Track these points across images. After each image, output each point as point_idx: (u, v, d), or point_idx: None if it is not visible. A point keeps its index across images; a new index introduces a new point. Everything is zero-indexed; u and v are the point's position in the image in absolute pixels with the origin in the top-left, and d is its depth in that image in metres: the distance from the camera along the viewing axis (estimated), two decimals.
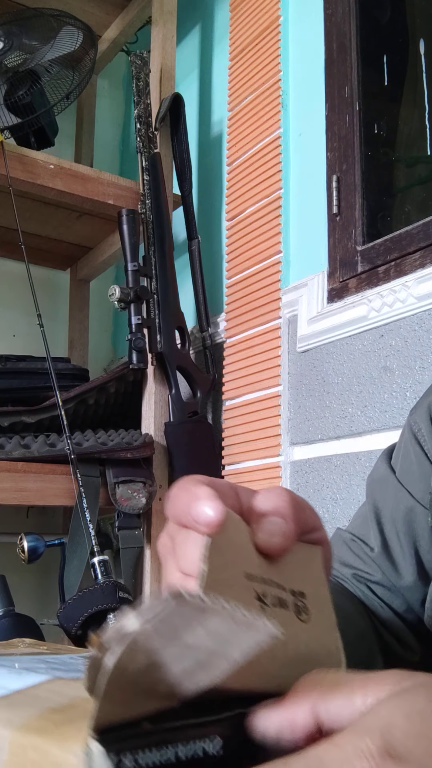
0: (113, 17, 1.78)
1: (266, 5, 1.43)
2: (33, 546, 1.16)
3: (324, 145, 1.27)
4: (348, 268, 1.18)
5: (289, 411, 1.24)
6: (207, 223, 1.59)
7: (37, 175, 1.38)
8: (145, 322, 1.35)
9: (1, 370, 1.42)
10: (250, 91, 1.44)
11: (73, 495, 1.23)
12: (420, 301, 1.02)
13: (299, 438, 1.21)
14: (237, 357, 1.36)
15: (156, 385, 1.37)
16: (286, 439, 1.23)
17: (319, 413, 1.18)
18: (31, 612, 1.15)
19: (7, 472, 1.20)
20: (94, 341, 1.85)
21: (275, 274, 1.30)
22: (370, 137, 1.24)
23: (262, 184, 1.37)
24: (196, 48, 1.76)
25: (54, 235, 1.69)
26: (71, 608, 1.13)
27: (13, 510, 1.61)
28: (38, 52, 1.42)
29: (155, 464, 1.34)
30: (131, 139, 2.01)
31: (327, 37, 1.30)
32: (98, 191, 1.45)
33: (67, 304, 1.85)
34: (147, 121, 1.46)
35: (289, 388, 1.25)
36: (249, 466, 1.29)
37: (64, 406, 1.26)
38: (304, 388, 1.21)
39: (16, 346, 1.73)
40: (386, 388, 1.06)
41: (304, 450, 1.20)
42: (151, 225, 1.41)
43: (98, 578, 1.11)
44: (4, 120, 1.43)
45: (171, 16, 1.56)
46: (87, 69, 1.49)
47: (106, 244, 1.69)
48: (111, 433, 1.36)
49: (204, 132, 1.68)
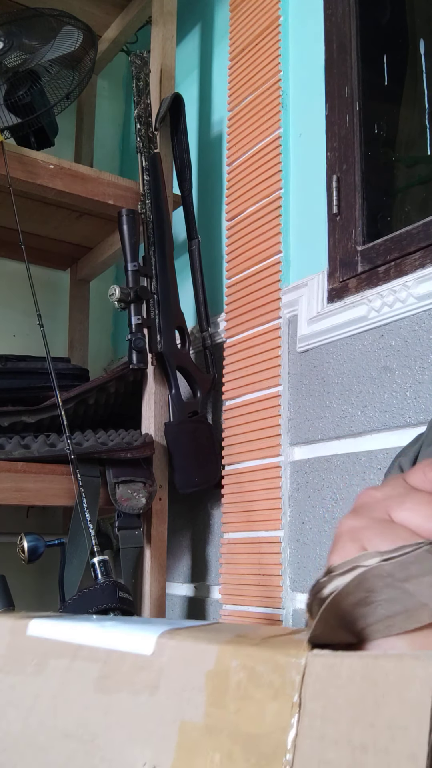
0: (113, 17, 1.78)
1: (266, 5, 1.43)
2: (33, 546, 1.16)
3: (324, 145, 1.27)
4: (348, 268, 1.18)
5: (289, 411, 1.24)
6: (207, 223, 1.59)
7: (37, 175, 1.38)
8: (145, 322, 1.35)
9: (1, 370, 1.42)
10: (250, 91, 1.44)
11: (73, 495, 1.23)
12: (420, 301, 1.02)
13: (299, 438, 1.21)
14: (237, 357, 1.36)
15: (156, 385, 1.37)
16: (286, 439, 1.23)
17: (319, 413, 1.18)
18: (31, 612, 1.15)
19: (7, 472, 1.21)
20: (94, 341, 1.85)
21: (275, 274, 1.30)
22: (370, 137, 1.24)
23: (262, 184, 1.37)
24: (196, 48, 1.76)
25: (54, 235, 1.69)
26: (71, 608, 1.13)
27: (13, 510, 1.61)
28: (38, 52, 1.42)
29: (155, 464, 1.34)
30: (131, 139, 2.01)
31: (327, 37, 1.30)
32: (98, 191, 1.45)
33: (67, 304, 1.85)
34: (147, 121, 1.46)
35: (289, 388, 1.25)
36: (249, 466, 1.29)
37: (64, 406, 1.26)
38: (304, 388, 1.21)
39: (16, 346, 1.73)
40: (386, 388, 1.06)
41: (304, 450, 1.20)
42: (151, 225, 1.41)
43: (98, 578, 1.11)
44: (4, 120, 1.43)
45: (171, 16, 1.56)
46: (87, 69, 1.49)
47: (106, 244, 1.69)
48: (111, 433, 1.36)
49: (204, 132, 1.68)
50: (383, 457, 1.04)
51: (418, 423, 1.00)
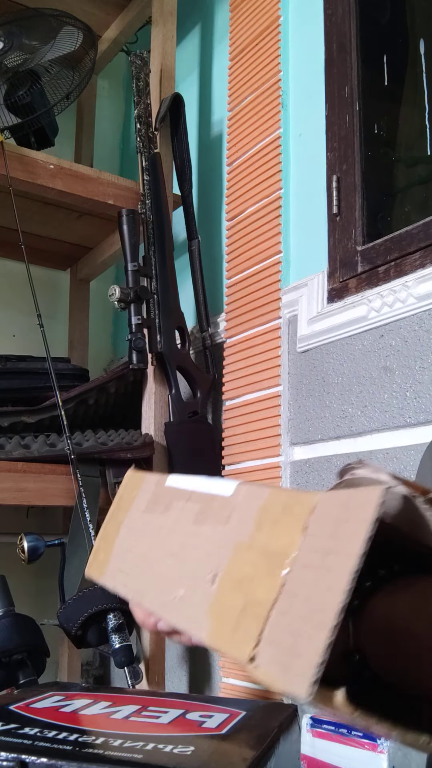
0: (113, 17, 1.78)
1: (266, 5, 1.43)
2: (33, 546, 1.16)
3: (324, 145, 1.27)
4: (348, 268, 1.18)
5: (289, 411, 1.24)
6: (207, 223, 1.59)
7: (37, 175, 1.38)
8: (145, 322, 1.36)
9: (1, 370, 1.42)
10: (250, 91, 1.44)
11: (73, 495, 1.23)
12: (420, 301, 1.02)
13: (299, 438, 1.21)
14: (237, 357, 1.36)
15: (156, 385, 1.37)
16: (286, 439, 1.23)
17: (319, 413, 1.18)
18: (31, 612, 1.15)
19: (7, 472, 1.21)
20: (94, 341, 1.85)
21: (275, 274, 1.30)
22: (370, 137, 1.24)
23: (262, 184, 1.37)
24: (196, 48, 1.76)
25: (54, 235, 1.69)
26: (71, 608, 1.13)
27: (13, 510, 1.61)
28: (38, 52, 1.42)
29: (155, 464, 1.34)
30: (131, 139, 2.01)
31: (327, 37, 1.30)
32: (98, 191, 1.45)
33: (67, 304, 1.85)
34: (147, 121, 1.46)
35: (289, 388, 1.25)
36: (249, 466, 1.29)
37: (64, 406, 1.26)
38: (304, 388, 1.21)
39: (16, 346, 1.73)
40: (386, 388, 1.06)
41: (304, 450, 1.20)
42: (151, 225, 1.41)
43: None
44: (4, 120, 1.43)
45: (171, 16, 1.56)
46: (87, 69, 1.49)
47: (106, 244, 1.69)
48: (111, 433, 1.36)
49: (204, 132, 1.68)
50: (383, 457, 1.04)
51: (418, 423, 1.00)
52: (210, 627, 0.33)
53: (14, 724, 0.46)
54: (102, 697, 0.57)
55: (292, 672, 0.28)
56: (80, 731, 0.45)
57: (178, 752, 0.41)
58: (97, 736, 0.44)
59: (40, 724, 0.46)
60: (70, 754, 0.40)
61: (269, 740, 0.46)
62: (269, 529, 0.33)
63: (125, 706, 0.54)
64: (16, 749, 0.41)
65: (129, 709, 0.53)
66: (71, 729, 0.45)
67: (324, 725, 0.91)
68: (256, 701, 0.64)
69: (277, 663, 0.29)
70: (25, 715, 0.49)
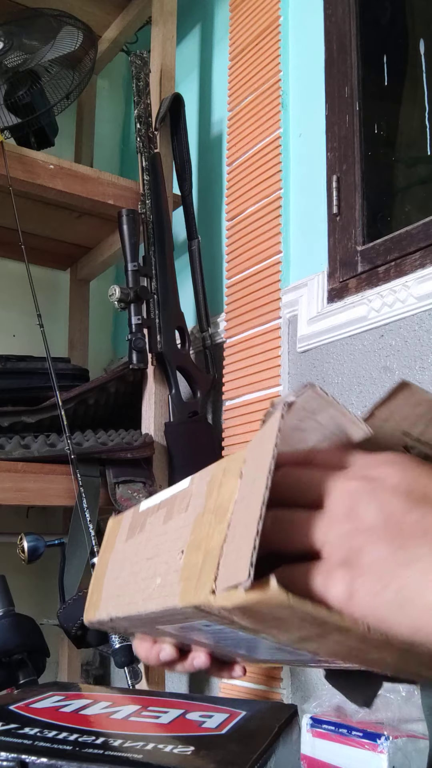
0: (113, 17, 1.78)
1: (266, 5, 1.43)
2: (33, 546, 1.16)
3: (324, 145, 1.27)
4: (348, 268, 1.18)
5: None
6: (207, 223, 1.59)
7: (37, 175, 1.38)
8: (145, 322, 1.36)
9: (1, 370, 1.42)
10: (250, 91, 1.44)
11: (73, 495, 1.23)
12: (420, 301, 1.02)
13: None
14: (237, 357, 1.36)
15: (156, 385, 1.37)
16: None
17: None
18: (31, 612, 1.15)
19: (7, 472, 1.21)
20: (94, 341, 1.85)
21: (275, 274, 1.30)
22: (370, 137, 1.24)
23: (262, 184, 1.37)
24: (196, 48, 1.76)
25: (54, 235, 1.69)
26: (71, 608, 1.13)
27: (13, 510, 1.61)
28: (38, 52, 1.42)
29: (155, 464, 1.34)
30: (131, 139, 2.01)
31: (327, 37, 1.30)
32: (98, 191, 1.45)
33: (67, 304, 1.85)
34: (147, 121, 1.46)
35: (289, 388, 1.25)
36: None
37: (64, 406, 1.26)
38: None
39: (16, 346, 1.73)
40: (386, 388, 1.06)
41: None
42: (151, 225, 1.41)
43: None
44: (4, 120, 1.43)
45: (171, 16, 1.56)
46: (87, 69, 1.49)
47: (106, 244, 1.69)
48: (111, 433, 1.36)
49: (204, 132, 1.68)
50: None
51: None
52: (180, 590, 0.35)
53: (14, 724, 0.46)
54: (102, 697, 0.57)
55: (233, 570, 0.31)
56: (80, 731, 0.45)
57: (178, 752, 0.41)
58: (97, 736, 0.44)
59: (40, 724, 0.46)
60: (70, 754, 0.40)
61: (269, 740, 0.46)
62: (217, 493, 0.37)
63: (125, 706, 0.54)
64: (16, 749, 0.40)
65: (129, 709, 0.53)
66: (71, 729, 0.45)
67: (324, 725, 0.91)
68: (256, 701, 0.64)
69: (226, 578, 0.32)
70: (25, 715, 0.49)
